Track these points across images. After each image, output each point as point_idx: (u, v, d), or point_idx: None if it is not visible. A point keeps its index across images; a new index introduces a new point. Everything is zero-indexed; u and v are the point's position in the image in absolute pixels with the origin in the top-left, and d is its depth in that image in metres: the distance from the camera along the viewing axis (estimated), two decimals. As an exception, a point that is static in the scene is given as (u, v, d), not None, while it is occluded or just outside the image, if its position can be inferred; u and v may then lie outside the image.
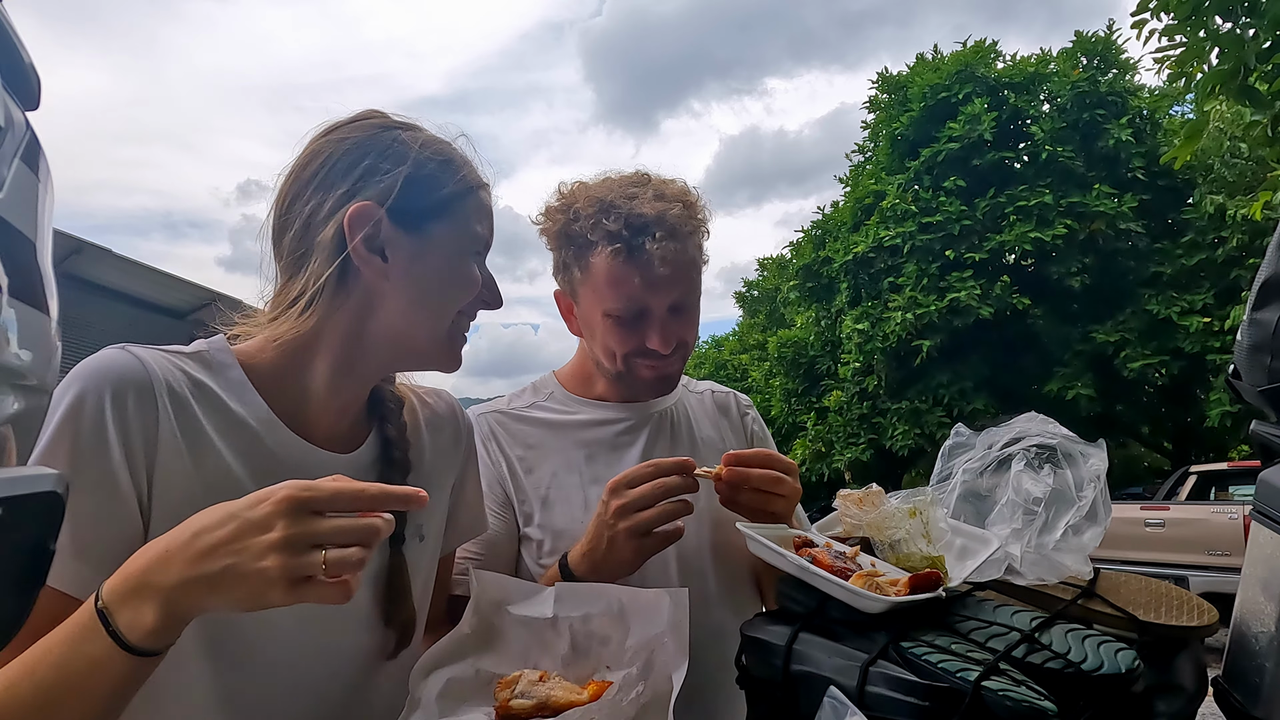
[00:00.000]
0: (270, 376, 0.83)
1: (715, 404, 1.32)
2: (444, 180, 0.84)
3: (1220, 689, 0.90)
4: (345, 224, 0.79)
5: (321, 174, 0.82)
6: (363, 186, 0.81)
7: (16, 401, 0.41)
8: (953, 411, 13.12)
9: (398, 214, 0.81)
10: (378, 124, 0.85)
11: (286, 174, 0.84)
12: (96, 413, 0.70)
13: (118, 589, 0.60)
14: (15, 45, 0.46)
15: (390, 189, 0.80)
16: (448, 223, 0.85)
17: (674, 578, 1.12)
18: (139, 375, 0.74)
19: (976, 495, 1.02)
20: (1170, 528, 7.84)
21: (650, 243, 1.05)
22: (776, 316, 23.76)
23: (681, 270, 1.09)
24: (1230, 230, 12.03)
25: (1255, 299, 0.88)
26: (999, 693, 0.71)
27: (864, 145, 17.16)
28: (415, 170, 0.82)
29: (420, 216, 0.83)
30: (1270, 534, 0.86)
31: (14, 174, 0.43)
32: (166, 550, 0.60)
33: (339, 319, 0.82)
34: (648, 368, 1.14)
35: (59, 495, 0.39)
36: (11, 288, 0.41)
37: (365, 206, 0.79)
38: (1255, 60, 4.04)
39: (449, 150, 0.87)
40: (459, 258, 0.86)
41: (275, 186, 0.85)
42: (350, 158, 0.82)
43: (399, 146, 0.83)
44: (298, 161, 0.84)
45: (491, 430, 1.19)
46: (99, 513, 0.70)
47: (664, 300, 1.09)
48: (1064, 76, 14.05)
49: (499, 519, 1.13)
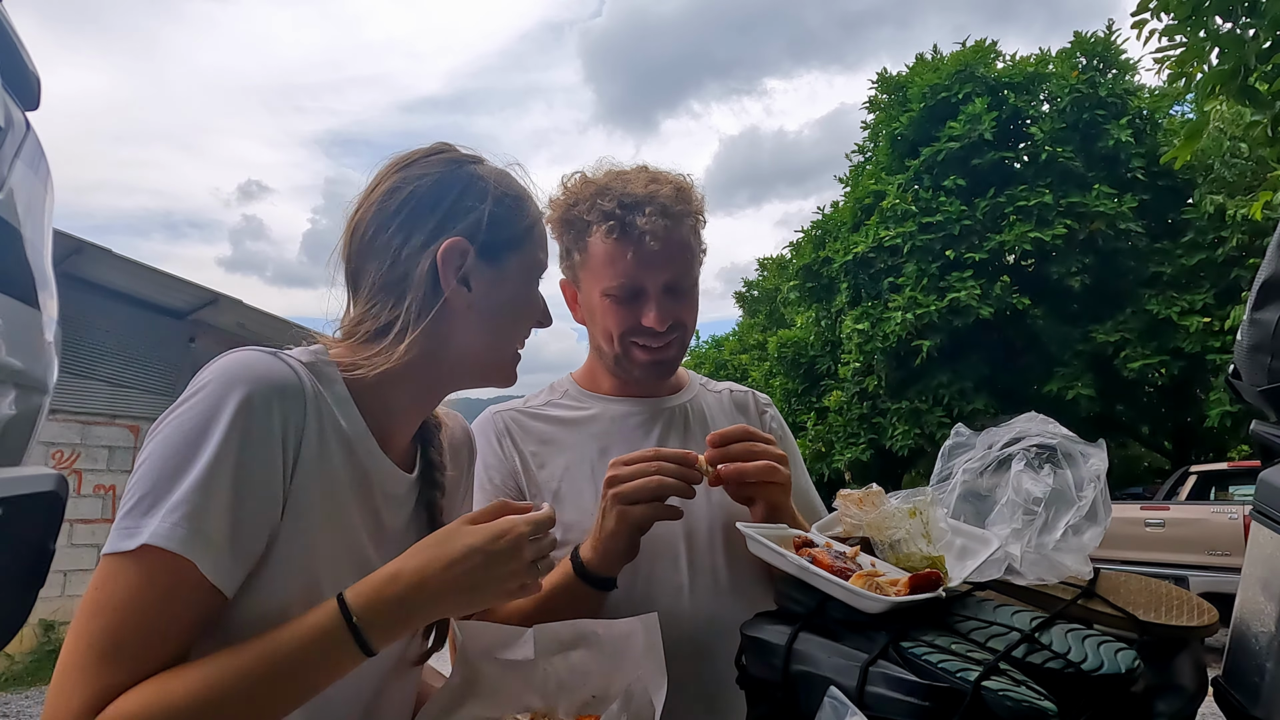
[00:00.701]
0: (365, 394, 0.86)
1: (734, 403, 1.34)
2: (520, 215, 0.91)
3: (1220, 689, 0.90)
4: (439, 258, 0.84)
5: (408, 208, 0.86)
6: (451, 221, 0.86)
7: (16, 400, 0.41)
8: (953, 411, 13.10)
9: (483, 248, 0.87)
10: (451, 159, 0.91)
11: (364, 204, 0.88)
12: (265, 415, 0.74)
13: (373, 608, 0.72)
14: (15, 45, 0.46)
15: (478, 224, 0.87)
16: (521, 253, 0.92)
17: (684, 576, 1.13)
18: (294, 383, 0.78)
19: (976, 495, 1.02)
20: (1170, 528, 7.84)
21: (641, 218, 1.10)
22: (776, 316, 23.75)
23: (674, 248, 1.13)
24: (1230, 230, 12.02)
25: (1255, 299, 0.88)
26: (999, 693, 0.71)
27: (864, 145, 17.14)
28: (496, 206, 0.89)
29: (501, 249, 0.89)
30: (1270, 534, 0.87)
31: (14, 174, 0.43)
32: (421, 579, 0.73)
33: (426, 345, 0.86)
34: (643, 350, 1.16)
35: (59, 495, 0.40)
36: (11, 287, 0.41)
37: (458, 242, 0.85)
38: (1255, 60, 4.04)
39: (519, 186, 0.94)
40: (528, 285, 0.93)
41: (349, 215, 0.89)
42: (434, 193, 0.87)
43: (479, 183, 0.89)
44: (378, 194, 0.88)
45: (506, 426, 1.21)
46: (257, 516, 0.74)
47: (658, 277, 1.13)
48: (1064, 77, 14.04)
49: None
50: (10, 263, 0.40)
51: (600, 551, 1.01)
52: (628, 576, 1.07)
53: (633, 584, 1.10)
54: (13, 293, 0.39)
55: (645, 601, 1.10)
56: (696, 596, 1.12)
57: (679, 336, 1.18)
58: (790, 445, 1.29)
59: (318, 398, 0.80)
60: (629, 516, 0.98)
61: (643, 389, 1.25)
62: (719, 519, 1.16)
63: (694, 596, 1.12)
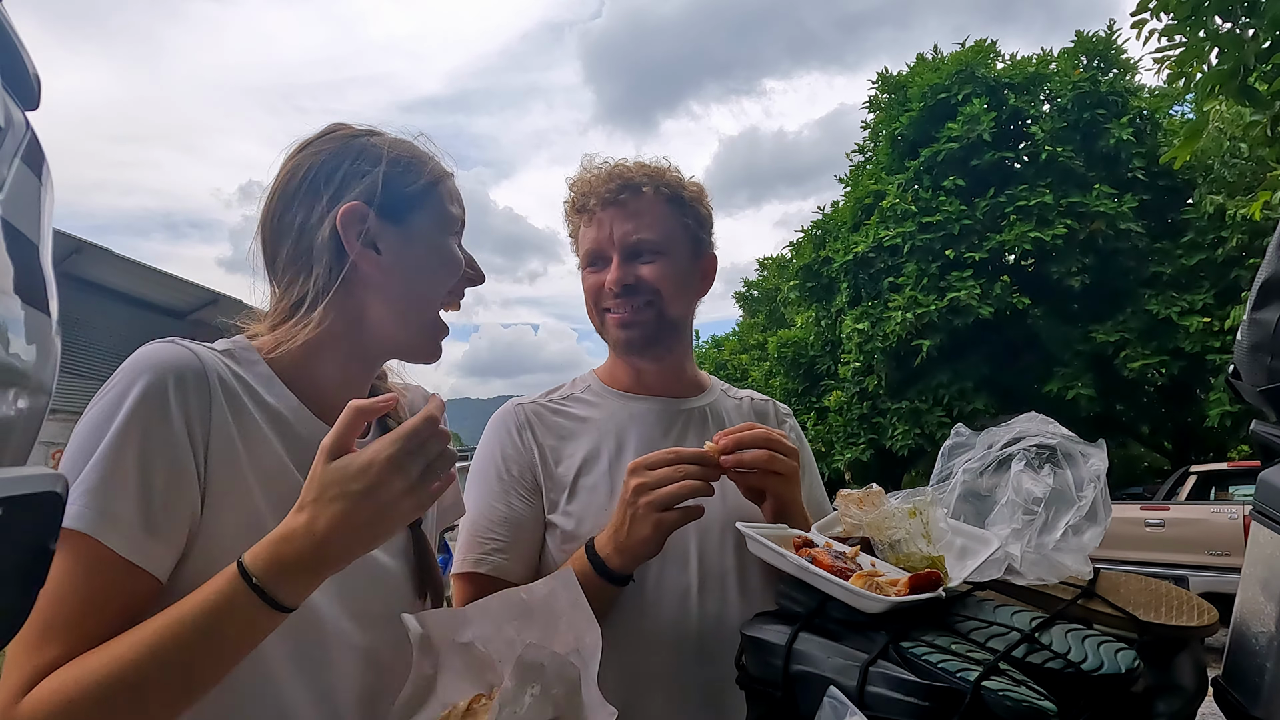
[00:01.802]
0: (291, 371, 0.90)
1: (754, 410, 1.34)
2: (417, 173, 0.93)
3: (1220, 689, 0.90)
4: (339, 224, 0.87)
5: (305, 185, 0.90)
6: (347, 189, 0.89)
7: (17, 401, 0.41)
8: (953, 411, 13.10)
9: (383, 208, 0.90)
10: (346, 134, 0.94)
11: (269, 194, 0.92)
12: (162, 399, 0.77)
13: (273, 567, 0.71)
14: (15, 45, 0.46)
15: (373, 187, 0.89)
16: (427, 210, 0.94)
17: (694, 578, 1.13)
18: (195, 365, 0.81)
19: (976, 495, 1.02)
20: (1170, 528, 7.84)
21: (597, 187, 1.19)
22: (776, 316, 23.77)
23: (633, 211, 1.19)
24: (1230, 230, 12.02)
25: (1255, 299, 0.88)
26: (999, 693, 0.71)
27: (864, 145, 17.14)
28: (390, 167, 0.91)
29: (402, 208, 0.91)
30: (1270, 534, 0.86)
31: (14, 174, 0.43)
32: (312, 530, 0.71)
33: (345, 312, 0.90)
34: (612, 315, 1.20)
35: (59, 495, 0.40)
36: (12, 288, 0.41)
37: (354, 206, 0.88)
38: (1255, 60, 4.04)
39: (415, 147, 0.96)
40: (441, 240, 0.95)
41: (260, 207, 0.93)
42: (329, 166, 0.90)
43: (372, 149, 0.92)
44: (278, 180, 0.92)
45: (527, 419, 1.22)
46: (169, 494, 0.76)
47: (615, 238, 1.18)
48: (1064, 76, 14.04)
49: (527, 505, 1.16)
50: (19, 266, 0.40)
51: (627, 553, 1.01)
52: (639, 574, 1.07)
53: (643, 585, 1.10)
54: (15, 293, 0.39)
55: (655, 602, 1.10)
56: (705, 598, 1.12)
57: (648, 301, 1.18)
58: (806, 456, 1.29)
59: (233, 382, 0.83)
60: (664, 524, 0.99)
61: (662, 387, 1.25)
62: (729, 521, 1.17)
63: (703, 597, 1.12)
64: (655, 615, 1.10)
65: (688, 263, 1.23)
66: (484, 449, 1.21)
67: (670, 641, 1.10)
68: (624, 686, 1.09)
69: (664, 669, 1.09)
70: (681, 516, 1.00)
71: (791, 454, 1.07)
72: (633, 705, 1.09)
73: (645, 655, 1.09)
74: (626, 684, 1.09)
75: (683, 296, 1.22)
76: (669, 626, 1.10)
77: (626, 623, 1.09)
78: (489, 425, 1.23)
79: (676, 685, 1.09)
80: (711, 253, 1.28)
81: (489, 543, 1.12)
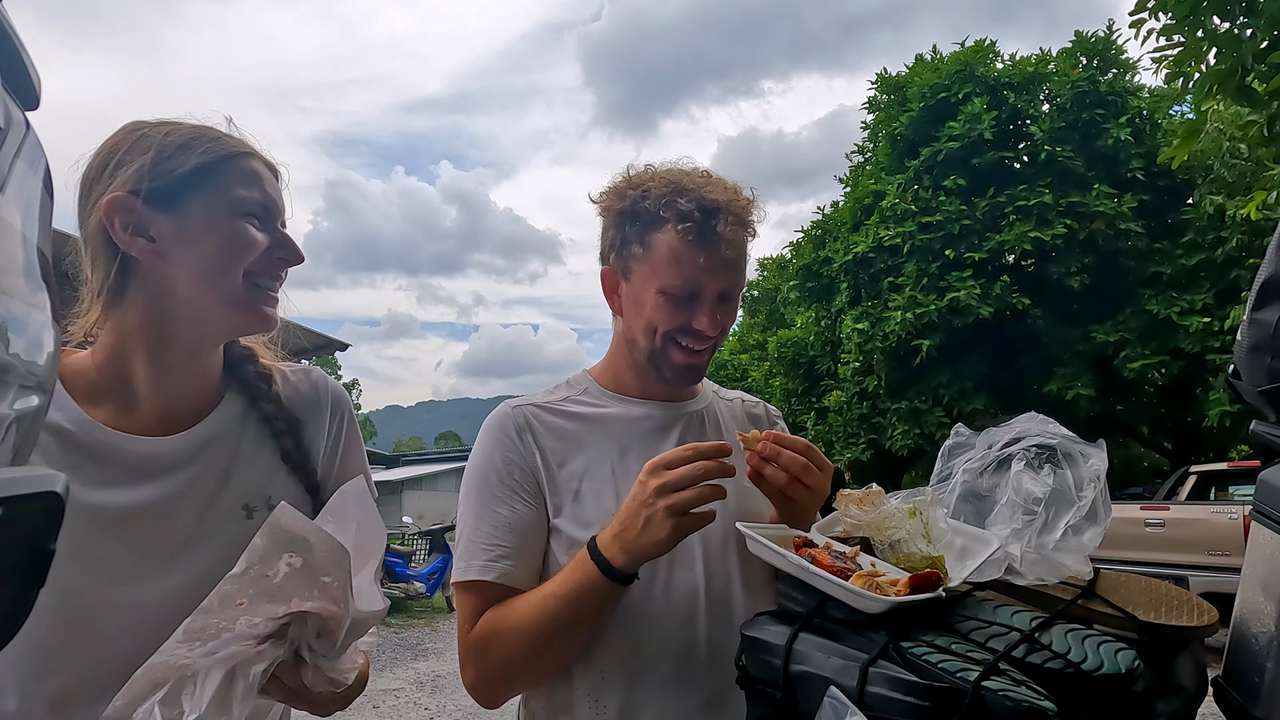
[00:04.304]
0: (91, 378, 0.91)
1: (746, 413, 1.34)
2: (189, 156, 0.89)
3: (1220, 689, 0.90)
4: (103, 217, 0.86)
5: (84, 188, 0.90)
6: (112, 182, 0.87)
7: (19, 400, 0.41)
8: (953, 411, 13.09)
9: (151, 196, 0.87)
10: (128, 129, 0.91)
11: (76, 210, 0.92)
12: None
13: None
14: (15, 45, 0.45)
15: (139, 175, 0.87)
16: (205, 193, 0.90)
17: (700, 579, 1.12)
18: None
19: (976, 495, 1.02)
20: (1170, 528, 7.84)
21: (721, 225, 1.10)
22: (776, 316, 23.74)
23: (740, 258, 1.14)
24: (1230, 230, 12.01)
25: (1255, 299, 0.88)
26: (999, 693, 0.71)
27: (863, 145, 17.13)
28: (158, 154, 0.88)
29: (173, 193, 0.88)
30: (1270, 534, 0.86)
31: (14, 174, 0.43)
32: None
33: (136, 306, 0.89)
34: (683, 351, 1.16)
35: (59, 495, 0.40)
36: (12, 288, 0.41)
37: (116, 197, 0.86)
38: (1252, 60, 4.03)
39: (196, 130, 0.93)
40: (227, 222, 0.90)
41: None
42: (99, 162, 0.90)
43: (143, 140, 0.89)
44: (77, 197, 0.91)
45: (527, 421, 1.20)
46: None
47: (719, 284, 1.13)
48: (1063, 76, 14.03)
49: (530, 509, 1.14)
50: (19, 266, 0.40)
51: (635, 553, 0.99)
52: (646, 574, 1.06)
53: (650, 585, 1.10)
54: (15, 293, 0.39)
55: (663, 602, 1.10)
56: (712, 598, 1.12)
57: (715, 345, 1.18)
58: None
59: None
60: (682, 528, 0.97)
61: (664, 392, 1.25)
62: (736, 521, 1.17)
63: (709, 597, 1.12)
64: (662, 614, 1.10)
65: None
66: (481, 453, 1.18)
67: (676, 641, 1.10)
68: (627, 685, 1.09)
69: (668, 668, 1.09)
70: (698, 521, 0.99)
71: (826, 470, 1.07)
72: (636, 704, 1.09)
73: (649, 654, 1.09)
74: (629, 683, 1.09)
75: None
76: (676, 626, 1.10)
77: (631, 621, 1.09)
78: (485, 428, 1.20)
79: (680, 684, 1.09)
80: None
81: (495, 549, 1.10)
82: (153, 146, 0.88)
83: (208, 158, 0.90)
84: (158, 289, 0.89)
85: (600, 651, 1.09)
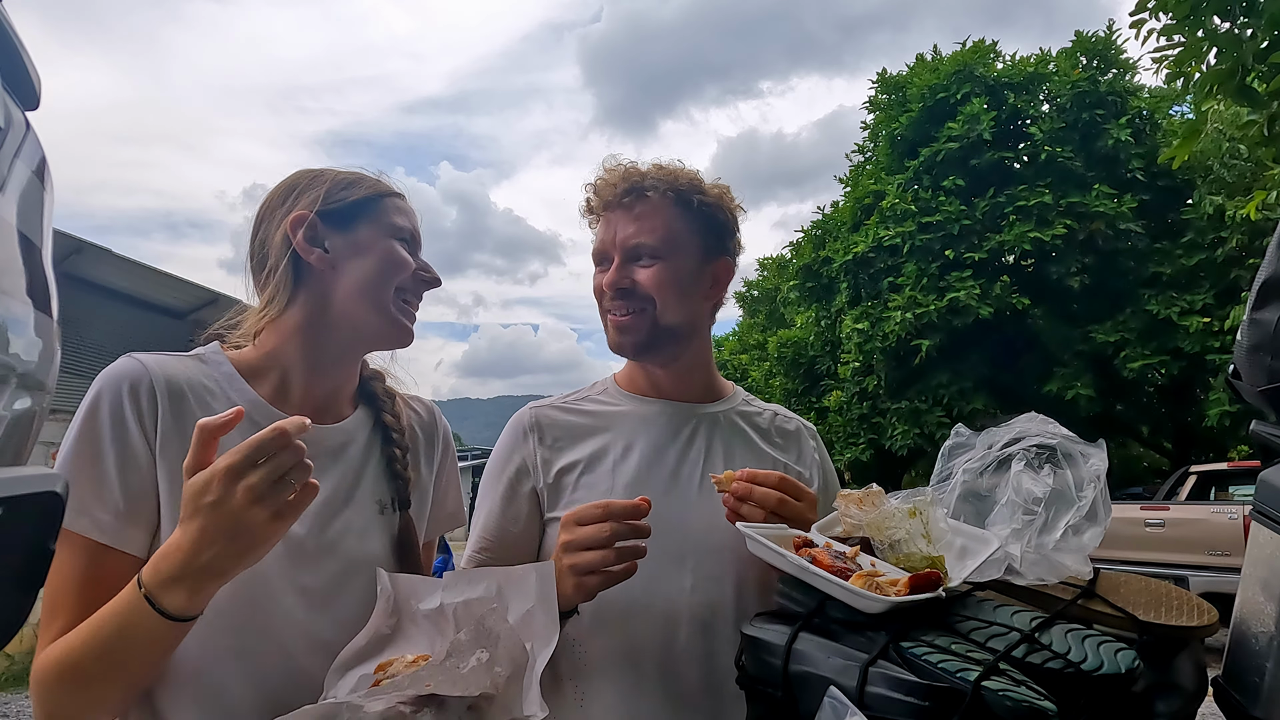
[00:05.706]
0: (257, 367, 1.03)
1: (776, 428, 1.31)
2: (357, 189, 1.08)
3: (1220, 689, 0.90)
4: (288, 228, 1.02)
5: (266, 210, 1.06)
6: (297, 203, 1.04)
7: (19, 399, 0.41)
8: (953, 411, 13.09)
9: (326, 215, 1.04)
10: (303, 171, 1.10)
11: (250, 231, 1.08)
12: (116, 405, 0.91)
13: (158, 578, 0.78)
14: (15, 45, 0.45)
15: (317, 198, 1.04)
16: (369, 218, 1.06)
17: (689, 578, 1.12)
18: (140, 374, 0.93)
19: (976, 495, 1.02)
20: (1170, 528, 7.84)
21: (611, 192, 1.21)
22: (776, 316, 23.73)
23: (636, 215, 1.19)
24: (1230, 230, 12.01)
25: (1255, 299, 0.88)
26: (999, 693, 0.71)
27: (863, 145, 17.13)
28: (333, 186, 1.06)
29: (345, 215, 1.05)
30: (1270, 534, 0.87)
31: (14, 174, 0.43)
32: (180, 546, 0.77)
33: (301, 310, 1.03)
34: (610, 319, 1.21)
35: (59, 495, 0.40)
36: (13, 288, 0.41)
37: (300, 213, 1.02)
38: (1253, 60, 4.03)
39: (360, 173, 1.11)
40: (385, 242, 1.06)
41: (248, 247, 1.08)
42: (282, 191, 1.07)
43: (319, 176, 1.07)
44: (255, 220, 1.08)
45: (536, 420, 1.23)
46: (123, 478, 0.89)
47: (617, 240, 1.19)
48: (1063, 76, 14.04)
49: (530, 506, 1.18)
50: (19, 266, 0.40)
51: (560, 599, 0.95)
52: (637, 578, 1.06)
53: (636, 583, 1.10)
54: (15, 293, 0.39)
55: (647, 600, 1.10)
56: (698, 597, 1.12)
57: (642, 307, 1.18)
58: (829, 477, 1.30)
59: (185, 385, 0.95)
60: (585, 587, 0.97)
61: (676, 391, 1.26)
62: (728, 528, 1.16)
63: (695, 597, 1.12)
64: (644, 609, 1.10)
65: (693, 268, 1.21)
66: (495, 452, 1.25)
67: (659, 639, 1.10)
68: (610, 680, 1.09)
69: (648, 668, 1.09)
70: (604, 581, 0.97)
71: (805, 499, 1.08)
72: (632, 705, 1.09)
73: (632, 651, 1.10)
74: (612, 677, 1.09)
75: (683, 303, 1.20)
76: (664, 625, 1.10)
77: (623, 624, 1.09)
78: (504, 429, 1.26)
79: (673, 683, 1.09)
80: (725, 258, 1.25)
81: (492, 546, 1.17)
82: (328, 180, 1.06)
83: (371, 192, 1.08)
84: (323, 296, 1.03)
85: (584, 647, 1.10)
